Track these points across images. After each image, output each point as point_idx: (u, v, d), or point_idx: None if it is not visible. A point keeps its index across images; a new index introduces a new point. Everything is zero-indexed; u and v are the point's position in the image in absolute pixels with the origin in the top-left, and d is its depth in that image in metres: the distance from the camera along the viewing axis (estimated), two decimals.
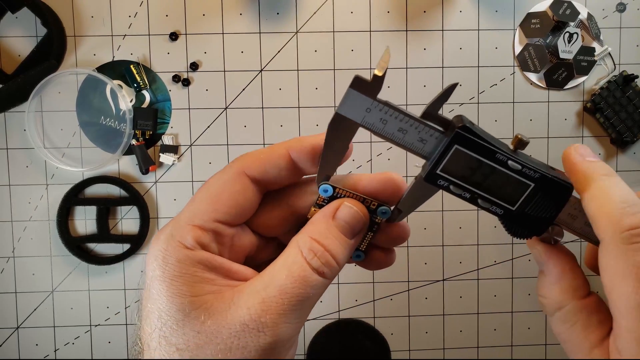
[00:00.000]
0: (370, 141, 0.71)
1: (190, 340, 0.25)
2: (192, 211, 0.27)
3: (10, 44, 0.69)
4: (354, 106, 0.26)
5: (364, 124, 0.27)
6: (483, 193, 0.28)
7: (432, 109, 0.27)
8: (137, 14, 0.69)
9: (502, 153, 0.26)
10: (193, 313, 0.25)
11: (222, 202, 0.27)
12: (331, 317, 0.73)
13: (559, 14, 0.69)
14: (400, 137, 0.27)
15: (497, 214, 0.29)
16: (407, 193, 0.29)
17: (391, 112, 0.26)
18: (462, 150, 0.26)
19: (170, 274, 0.26)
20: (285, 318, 0.25)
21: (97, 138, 0.70)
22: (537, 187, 0.27)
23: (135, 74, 0.68)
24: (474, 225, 0.73)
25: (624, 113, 0.70)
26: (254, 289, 0.26)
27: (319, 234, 0.27)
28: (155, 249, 0.27)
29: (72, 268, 0.71)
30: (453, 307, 0.73)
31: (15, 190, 0.70)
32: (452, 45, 0.71)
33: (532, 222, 0.28)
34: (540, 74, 0.71)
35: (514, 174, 0.27)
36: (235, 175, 0.28)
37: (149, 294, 0.26)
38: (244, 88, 0.70)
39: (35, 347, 0.72)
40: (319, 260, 0.26)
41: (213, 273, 0.26)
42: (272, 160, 0.28)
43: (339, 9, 0.69)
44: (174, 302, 0.25)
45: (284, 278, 0.25)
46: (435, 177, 0.27)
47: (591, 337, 0.26)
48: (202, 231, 0.27)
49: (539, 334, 0.74)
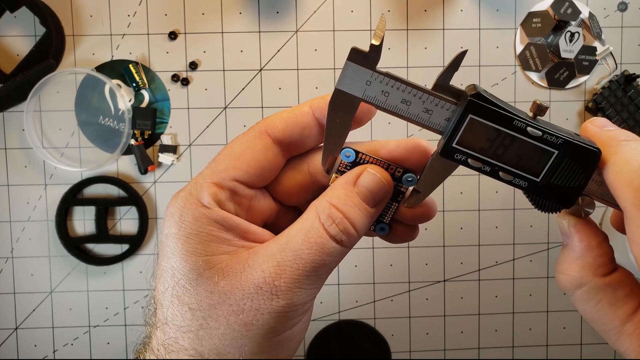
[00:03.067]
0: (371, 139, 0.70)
1: (203, 300, 0.25)
2: (212, 169, 0.27)
3: (8, 43, 0.68)
4: (354, 80, 0.25)
5: (365, 98, 0.26)
6: (504, 165, 0.26)
7: (442, 81, 0.25)
8: (136, 13, 0.68)
9: (520, 120, 0.25)
10: (207, 273, 0.25)
11: (242, 160, 0.27)
12: (331, 318, 0.72)
13: (560, 13, 0.69)
14: (404, 109, 0.26)
15: (521, 187, 0.26)
16: (425, 172, 0.27)
17: (392, 82, 0.25)
18: (477, 120, 0.25)
19: (186, 232, 0.25)
20: (299, 283, 0.25)
21: (96, 138, 0.69)
22: (561, 154, 0.25)
23: (134, 73, 0.68)
24: (475, 225, 0.72)
25: (626, 113, 0.70)
26: (269, 252, 0.25)
27: (338, 199, 0.26)
28: (172, 206, 0.26)
29: (70, 268, 0.71)
30: (454, 308, 0.73)
31: (14, 191, 0.70)
32: (453, 44, 0.70)
33: (559, 193, 0.26)
34: (542, 73, 0.71)
35: (535, 141, 0.25)
36: (258, 135, 0.27)
37: (164, 252, 0.26)
38: (244, 87, 0.70)
39: (34, 347, 0.71)
40: (337, 227, 0.25)
41: (229, 233, 0.26)
42: (295, 118, 0.27)
43: (339, 8, 0.69)
44: (188, 260, 0.25)
45: (300, 243, 0.25)
46: (452, 152, 0.26)
47: (619, 312, 0.25)
48: (220, 189, 0.26)
49: (541, 334, 0.74)
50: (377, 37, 0.24)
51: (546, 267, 0.73)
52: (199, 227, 0.25)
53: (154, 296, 0.27)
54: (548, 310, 0.73)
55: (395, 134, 0.70)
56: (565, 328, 0.74)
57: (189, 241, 0.25)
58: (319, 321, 0.72)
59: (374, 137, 0.70)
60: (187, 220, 0.25)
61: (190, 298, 0.25)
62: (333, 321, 0.72)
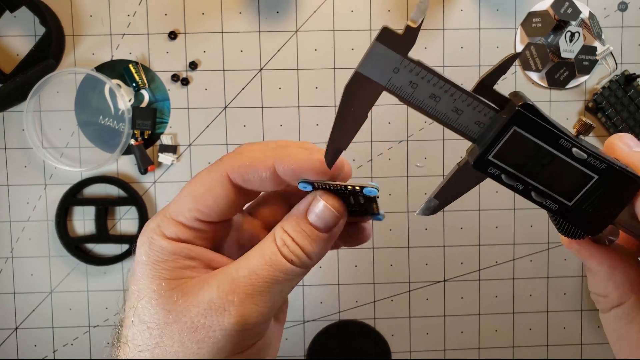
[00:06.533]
0: (371, 141, 0.71)
1: (160, 319, 0.25)
2: (177, 207, 0.28)
3: (8, 43, 0.68)
4: (380, 64, 0.22)
5: (389, 87, 0.23)
6: (538, 185, 0.24)
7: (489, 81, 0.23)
8: (136, 13, 0.68)
9: (567, 139, 0.23)
10: (168, 293, 0.26)
11: (204, 203, 0.27)
12: (331, 319, 0.72)
13: (560, 12, 0.69)
14: (431, 105, 0.23)
15: (550, 209, 0.25)
16: (446, 182, 0.25)
17: (424, 74, 0.22)
18: (521, 133, 0.23)
19: (154, 259, 0.27)
20: (252, 299, 0.25)
21: (96, 138, 0.69)
22: (600, 179, 0.23)
23: (134, 73, 0.68)
24: (475, 225, 0.72)
25: (626, 112, 0.70)
26: (227, 270, 0.26)
27: (290, 227, 0.27)
28: (143, 236, 0.28)
29: (70, 269, 0.71)
30: (454, 308, 0.73)
31: (14, 191, 0.70)
32: (453, 44, 0.70)
33: (589, 220, 0.24)
34: (542, 73, 0.70)
35: (577, 163, 0.23)
36: (219, 178, 0.28)
37: (134, 277, 0.27)
38: (244, 87, 0.70)
39: (34, 348, 0.71)
40: (288, 248, 0.27)
41: (194, 261, 0.27)
42: (256, 170, 0.27)
43: (339, 7, 0.69)
44: (152, 282, 0.26)
45: (255, 261, 0.26)
46: (486, 164, 0.24)
47: None
48: (184, 228, 0.28)
49: (541, 335, 0.74)
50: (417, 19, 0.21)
51: (546, 267, 0.73)
52: (165, 256, 0.27)
53: (120, 317, 0.28)
54: (548, 310, 0.73)
55: (395, 134, 0.70)
56: (566, 328, 0.74)
57: (155, 267, 0.27)
58: (319, 321, 0.72)
59: (373, 138, 0.70)
60: (155, 250, 0.27)
61: (150, 317, 0.26)
62: (333, 321, 0.72)
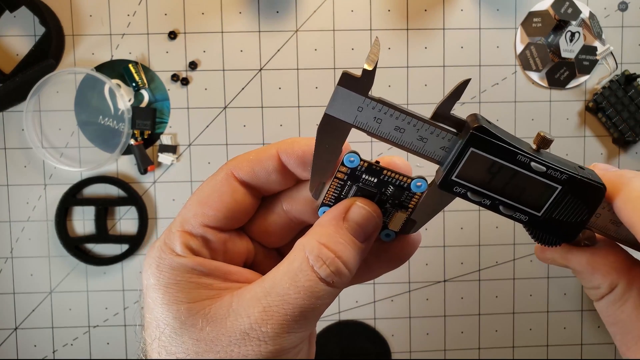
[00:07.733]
0: (371, 141, 0.70)
1: (190, 349, 0.24)
2: (182, 216, 0.26)
3: (8, 43, 0.68)
4: (345, 105, 0.24)
5: (356, 124, 0.25)
6: (505, 199, 0.25)
7: (443, 109, 0.24)
8: (135, 12, 0.68)
9: (523, 154, 0.24)
10: (190, 320, 0.24)
11: (210, 205, 0.26)
12: (331, 319, 0.72)
13: (560, 12, 0.69)
14: (397, 136, 0.25)
15: (521, 221, 0.26)
16: (422, 202, 0.26)
17: (385, 109, 0.24)
18: (478, 153, 0.24)
19: (165, 282, 0.25)
20: (288, 328, 0.23)
21: (96, 138, 0.69)
22: (565, 189, 0.24)
23: (133, 73, 0.68)
24: (475, 226, 0.72)
25: (626, 112, 0.70)
26: (254, 295, 0.24)
27: (328, 237, 0.25)
28: (149, 257, 0.26)
29: (70, 269, 0.71)
30: (454, 308, 0.73)
31: (13, 191, 0.70)
32: (453, 44, 0.70)
33: (561, 228, 0.25)
34: (542, 73, 0.70)
35: (538, 176, 0.24)
36: (224, 178, 0.27)
37: (146, 304, 0.25)
38: (244, 87, 0.70)
39: (34, 348, 0.71)
40: (328, 268, 0.24)
41: (209, 277, 0.25)
42: (261, 162, 0.26)
43: (339, 7, 0.69)
44: (170, 310, 0.24)
45: (287, 287, 0.24)
46: (451, 184, 0.25)
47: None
48: (191, 237, 0.26)
49: (541, 335, 0.74)
50: (371, 62, 0.23)
51: (546, 267, 0.73)
52: (176, 275, 0.25)
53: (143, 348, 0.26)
54: (548, 310, 0.73)
55: None
56: (566, 328, 0.74)
57: (168, 290, 0.25)
58: (319, 321, 0.72)
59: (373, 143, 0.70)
60: (164, 271, 0.25)
61: (177, 347, 0.24)
62: (333, 321, 0.72)
